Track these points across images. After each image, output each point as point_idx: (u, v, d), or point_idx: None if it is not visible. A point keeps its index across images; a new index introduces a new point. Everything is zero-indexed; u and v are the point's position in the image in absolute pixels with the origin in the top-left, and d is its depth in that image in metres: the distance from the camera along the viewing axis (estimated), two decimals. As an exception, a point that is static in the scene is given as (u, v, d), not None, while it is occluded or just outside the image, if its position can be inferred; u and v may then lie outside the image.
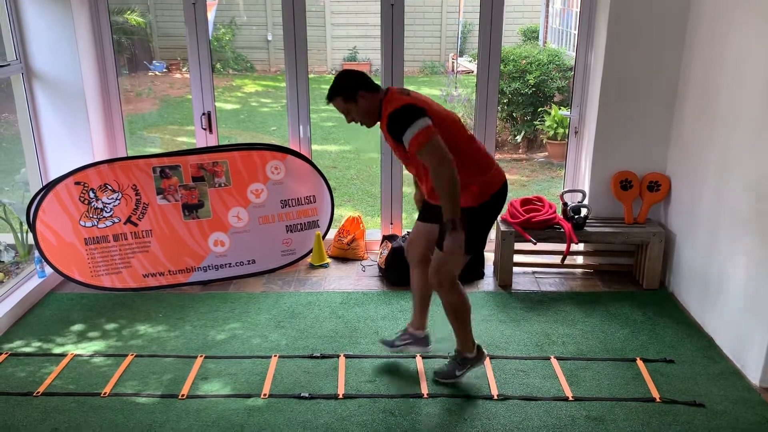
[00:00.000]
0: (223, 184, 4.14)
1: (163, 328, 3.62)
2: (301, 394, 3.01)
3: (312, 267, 4.39)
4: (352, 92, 2.70)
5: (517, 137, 7.84)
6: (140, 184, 4.01)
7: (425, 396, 3.01)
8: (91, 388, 3.07)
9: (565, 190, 4.38)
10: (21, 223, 4.38)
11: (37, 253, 3.94)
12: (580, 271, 4.34)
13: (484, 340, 3.47)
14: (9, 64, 3.99)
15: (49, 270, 4.03)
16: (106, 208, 3.97)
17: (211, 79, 4.32)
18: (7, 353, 3.37)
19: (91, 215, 3.95)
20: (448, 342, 3.17)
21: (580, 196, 4.26)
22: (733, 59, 3.37)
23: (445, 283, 2.86)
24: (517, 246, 4.12)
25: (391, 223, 4.60)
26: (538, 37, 11.21)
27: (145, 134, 8.56)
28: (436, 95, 9.39)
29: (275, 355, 3.34)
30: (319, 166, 4.36)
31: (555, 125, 7.37)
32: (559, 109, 7.33)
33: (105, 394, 3.03)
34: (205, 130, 4.37)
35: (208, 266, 4.15)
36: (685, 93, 3.89)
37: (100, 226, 3.97)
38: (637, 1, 3.84)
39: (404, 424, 2.83)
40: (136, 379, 3.16)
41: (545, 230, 4.02)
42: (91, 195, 3.94)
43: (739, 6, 3.32)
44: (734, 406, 2.94)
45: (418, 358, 3.28)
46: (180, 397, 3.00)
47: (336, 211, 4.62)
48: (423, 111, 2.62)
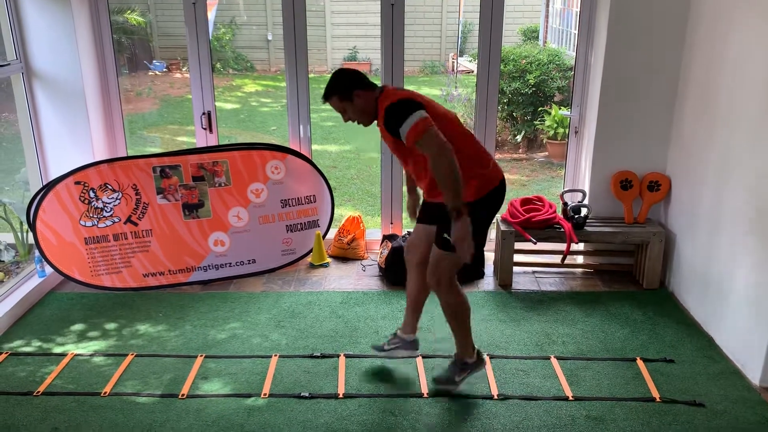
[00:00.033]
0: (223, 184, 4.15)
1: (163, 328, 3.62)
2: (302, 394, 3.01)
3: (312, 266, 4.39)
4: (348, 91, 2.69)
5: (518, 137, 7.83)
6: (140, 183, 4.02)
7: (425, 396, 3.02)
8: (91, 388, 3.08)
9: (565, 189, 4.38)
10: (21, 223, 4.38)
11: (37, 253, 3.94)
12: (580, 270, 4.34)
13: (484, 340, 3.47)
14: (9, 64, 3.99)
15: (49, 269, 4.03)
16: (106, 208, 3.97)
17: (211, 79, 4.32)
18: (7, 353, 3.37)
19: (92, 215, 3.95)
20: (448, 342, 3.16)
21: (580, 195, 4.26)
22: (733, 59, 3.37)
23: (444, 281, 2.83)
24: (517, 246, 4.12)
25: (392, 223, 4.60)
26: (538, 37, 11.20)
27: (146, 134, 8.56)
28: (437, 95, 9.39)
29: (275, 355, 3.34)
30: (319, 166, 4.36)
31: (555, 125, 7.37)
32: (560, 108, 7.33)
33: (105, 393, 3.03)
34: (205, 129, 4.37)
35: (208, 266, 4.15)
36: (685, 93, 3.89)
37: (100, 226, 3.97)
38: (637, 1, 3.84)
39: (404, 424, 2.83)
40: (136, 378, 3.16)
41: (545, 230, 4.02)
42: (92, 194, 3.94)
43: (739, 6, 3.32)
44: (734, 406, 2.94)
45: (419, 359, 3.28)
46: (180, 397, 3.01)
47: (336, 211, 4.62)
48: (419, 104, 2.62)
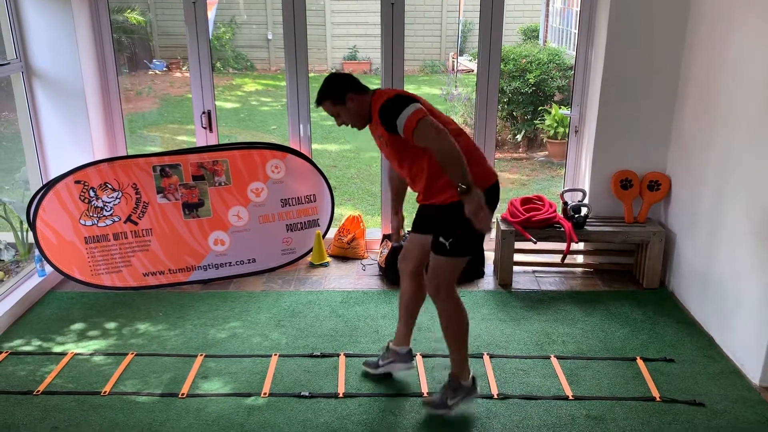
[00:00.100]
0: (223, 183, 4.15)
1: (164, 327, 3.62)
2: (301, 393, 3.01)
3: (312, 266, 4.39)
4: (341, 95, 2.68)
5: (518, 136, 7.83)
6: (140, 182, 4.01)
7: (425, 395, 3.01)
8: (91, 387, 3.08)
9: (566, 189, 4.38)
10: (21, 222, 4.38)
11: (37, 252, 3.94)
12: (580, 270, 4.34)
13: (485, 339, 3.47)
14: (9, 63, 3.99)
15: (49, 269, 4.03)
16: (106, 207, 3.97)
17: (211, 78, 4.32)
18: (7, 352, 3.37)
19: (92, 214, 3.95)
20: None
21: (580, 195, 4.26)
22: (733, 59, 3.37)
23: (443, 288, 2.75)
24: (518, 245, 4.12)
25: (392, 222, 4.59)
26: (538, 36, 11.20)
27: (145, 133, 8.56)
28: (437, 94, 9.39)
29: (275, 354, 3.34)
30: (319, 165, 4.36)
31: (555, 124, 7.37)
32: (560, 108, 7.33)
33: (105, 392, 3.03)
34: (205, 129, 4.37)
35: (209, 265, 4.15)
36: (685, 92, 3.89)
37: (100, 225, 3.97)
38: (637, 1, 3.83)
39: (404, 423, 2.84)
40: (136, 377, 3.16)
41: (545, 229, 4.02)
42: (92, 194, 3.94)
43: (739, 6, 3.32)
44: (734, 406, 2.94)
45: (419, 358, 3.28)
46: (180, 396, 3.01)
47: (336, 210, 4.62)
48: (414, 99, 2.62)
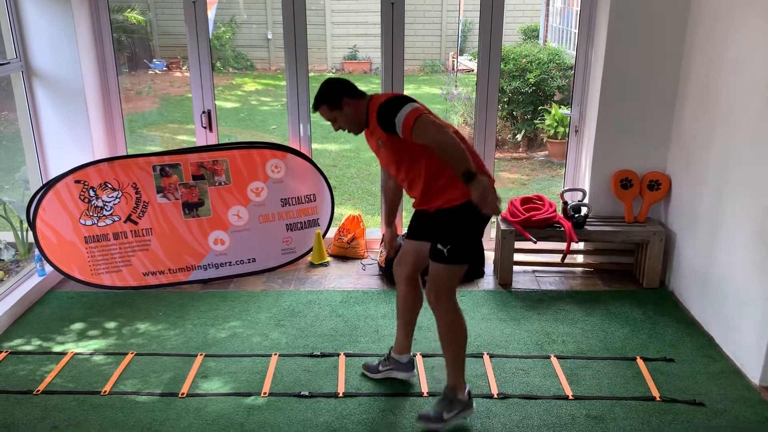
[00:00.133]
0: (223, 183, 4.14)
1: (163, 327, 3.62)
2: (301, 393, 3.01)
3: (312, 265, 4.39)
4: (337, 99, 2.68)
5: (518, 136, 7.83)
6: (140, 182, 4.01)
7: (425, 395, 3.01)
8: (91, 387, 3.08)
9: (566, 188, 4.38)
10: (21, 222, 4.38)
11: (37, 252, 3.94)
12: (580, 269, 4.34)
13: (485, 339, 3.47)
14: (9, 62, 3.99)
15: (49, 268, 4.03)
16: (106, 207, 3.97)
17: (211, 78, 4.32)
18: (7, 351, 3.37)
19: (91, 213, 3.95)
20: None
21: (580, 194, 4.26)
22: (733, 59, 3.36)
23: (442, 296, 2.70)
24: (517, 245, 4.12)
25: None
26: (538, 36, 11.20)
27: (145, 133, 8.56)
28: (437, 93, 9.39)
29: (275, 354, 3.34)
30: (319, 165, 4.36)
31: (555, 124, 7.37)
32: (560, 107, 7.33)
33: (105, 392, 3.03)
34: (205, 128, 4.37)
35: (208, 265, 4.15)
36: (685, 92, 3.89)
37: (100, 225, 3.97)
38: (637, 1, 3.83)
39: (404, 423, 2.83)
40: (136, 377, 3.16)
41: (545, 229, 4.02)
42: (91, 193, 3.94)
43: (739, 6, 3.32)
44: (734, 405, 2.94)
45: (419, 357, 3.28)
46: (180, 396, 3.01)
47: (336, 210, 4.62)
48: (411, 99, 2.62)
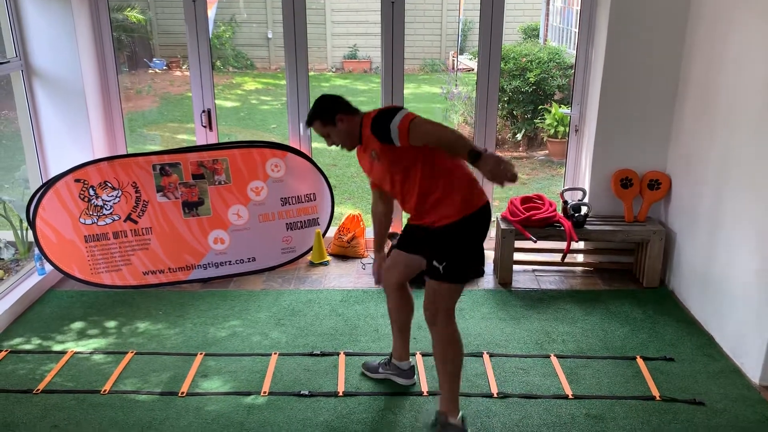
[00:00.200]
0: (223, 182, 4.14)
1: (163, 326, 3.62)
2: (301, 392, 3.01)
3: (312, 265, 4.39)
4: (331, 115, 2.67)
5: (518, 135, 7.83)
6: (140, 181, 4.01)
7: (425, 394, 3.02)
8: (91, 386, 3.08)
9: (566, 188, 4.38)
10: (21, 221, 4.38)
11: (37, 251, 3.94)
12: (580, 269, 4.34)
13: (484, 339, 3.47)
14: (9, 61, 3.99)
15: (49, 267, 4.03)
16: (106, 206, 3.97)
17: (211, 77, 4.32)
18: (7, 350, 3.37)
19: (91, 212, 3.95)
20: None
21: (580, 194, 4.26)
22: (733, 59, 3.36)
23: (440, 315, 2.62)
24: (517, 244, 4.12)
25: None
26: (538, 35, 11.20)
27: (145, 132, 8.56)
28: (437, 93, 9.39)
29: (275, 353, 3.34)
30: (319, 164, 4.36)
31: (555, 123, 7.37)
32: (560, 107, 7.33)
33: (105, 391, 3.03)
34: (205, 127, 4.37)
35: (208, 264, 4.15)
36: (685, 92, 3.89)
37: (100, 224, 3.97)
38: (637, 0, 3.83)
39: (404, 422, 2.83)
40: (136, 376, 3.16)
41: (545, 228, 4.02)
42: (91, 192, 3.94)
43: (739, 6, 3.32)
44: (734, 405, 2.94)
45: (418, 356, 3.28)
46: (180, 395, 3.01)
47: (336, 209, 4.62)
48: (402, 107, 2.61)
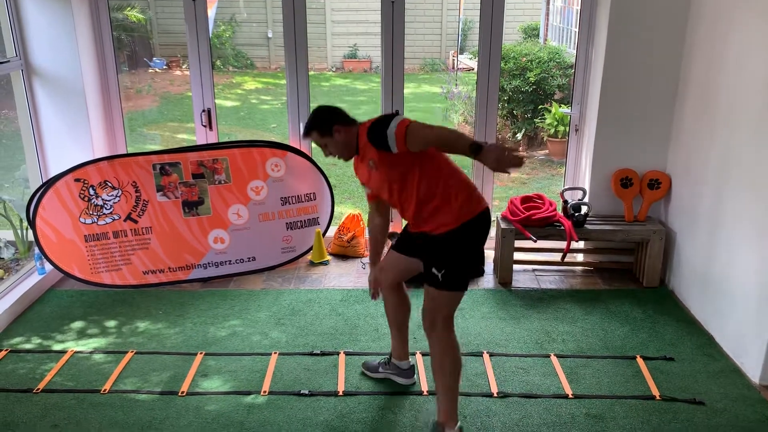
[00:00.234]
0: (223, 182, 4.14)
1: (163, 325, 3.62)
2: (301, 392, 3.01)
3: (312, 264, 4.39)
4: (328, 126, 2.68)
5: (518, 135, 7.83)
6: (140, 181, 4.01)
7: (425, 393, 3.02)
8: (91, 385, 3.08)
9: (566, 187, 4.38)
10: (21, 220, 4.38)
11: (37, 250, 3.94)
12: (580, 268, 4.34)
13: (484, 338, 3.47)
14: (9, 61, 3.99)
15: (49, 267, 4.03)
16: (106, 205, 3.97)
17: (211, 76, 4.32)
18: (7, 350, 3.37)
19: (91, 212, 3.95)
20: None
21: (580, 193, 4.26)
22: (733, 59, 3.36)
23: (439, 323, 2.60)
24: (517, 243, 4.12)
25: (391, 221, 4.59)
26: (538, 35, 11.19)
27: (145, 131, 8.56)
28: (437, 92, 9.39)
29: (275, 352, 3.34)
30: (319, 164, 4.36)
31: (555, 123, 7.36)
32: (560, 106, 7.32)
33: (105, 391, 3.04)
34: (205, 127, 4.37)
35: (208, 263, 4.15)
36: (685, 92, 3.88)
37: (100, 223, 3.97)
38: (637, 0, 3.83)
39: (404, 421, 2.84)
40: (136, 376, 3.16)
41: (545, 228, 4.02)
42: (91, 192, 3.94)
43: (739, 6, 3.32)
44: (734, 404, 2.95)
45: (418, 356, 3.28)
46: (180, 394, 3.01)
47: (336, 209, 4.62)
48: (398, 114, 2.61)
